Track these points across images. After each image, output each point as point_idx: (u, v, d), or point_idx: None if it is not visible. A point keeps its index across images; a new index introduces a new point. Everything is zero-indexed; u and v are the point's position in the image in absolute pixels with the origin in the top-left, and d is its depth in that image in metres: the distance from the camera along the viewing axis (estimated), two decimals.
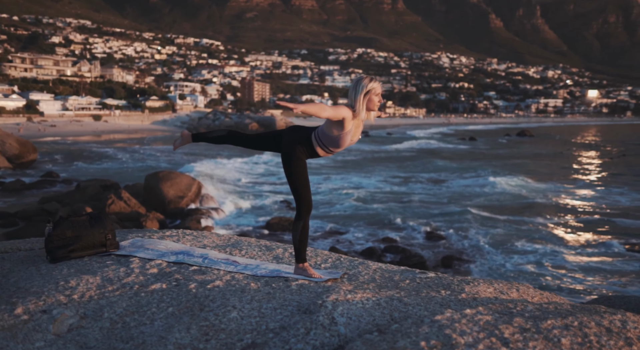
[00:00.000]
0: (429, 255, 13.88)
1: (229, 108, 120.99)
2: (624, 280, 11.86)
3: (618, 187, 25.20)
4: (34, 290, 2.49)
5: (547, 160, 40.18)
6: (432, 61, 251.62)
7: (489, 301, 2.39)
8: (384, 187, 24.60)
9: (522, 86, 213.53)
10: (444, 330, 1.88)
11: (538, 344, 1.84)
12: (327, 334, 2.10)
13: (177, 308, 2.33)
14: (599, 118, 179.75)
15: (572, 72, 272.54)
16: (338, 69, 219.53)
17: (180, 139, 3.17)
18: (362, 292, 2.46)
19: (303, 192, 2.88)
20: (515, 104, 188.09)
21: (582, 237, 15.52)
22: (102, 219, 3.09)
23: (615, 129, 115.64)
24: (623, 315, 1.90)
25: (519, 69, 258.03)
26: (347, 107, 2.76)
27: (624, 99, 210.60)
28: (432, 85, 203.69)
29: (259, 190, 23.25)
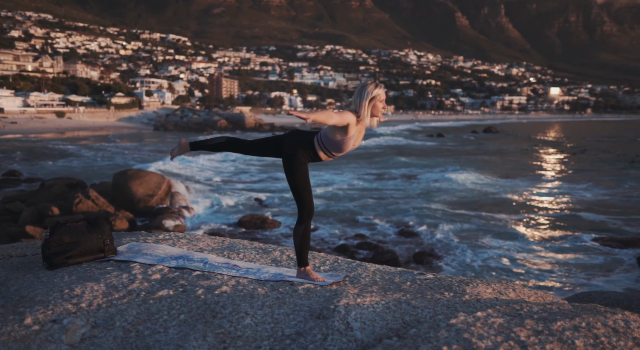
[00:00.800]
0: (401, 251, 14.03)
1: (197, 105, 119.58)
2: (592, 274, 12.23)
3: (582, 182, 25.92)
4: (39, 299, 2.44)
5: (513, 156, 41.07)
6: (399, 58, 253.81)
7: (493, 302, 2.44)
8: (356, 184, 24.74)
9: (488, 83, 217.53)
10: (463, 335, 1.92)
11: (554, 346, 1.87)
12: (344, 340, 2.10)
13: (188, 315, 2.31)
14: (561, 115, 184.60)
15: (535, 70, 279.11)
16: (307, 66, 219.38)
17: (177, 147, 3.13)
18: (370, 296, 2.47)
19: (305, 196, 2.87)
20: (481, 101, 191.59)
21: (549, 232, 15.92)
22: (100, 224, 3.05)
23: (576, 125, 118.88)
24: (623, 315, 1.98)
25: (485, 66, 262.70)
26: (351, 113, 2.77)
27: (585, 97, 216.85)
28: (400, 82, 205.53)
29: (230, 188, 23.09)
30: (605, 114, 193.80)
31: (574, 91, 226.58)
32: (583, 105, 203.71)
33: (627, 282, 11.87)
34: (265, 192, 21.56)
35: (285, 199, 20.34)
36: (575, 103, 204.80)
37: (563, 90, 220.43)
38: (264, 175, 27.21)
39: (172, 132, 70.59)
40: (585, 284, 11.58)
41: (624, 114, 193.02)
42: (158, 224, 15.09)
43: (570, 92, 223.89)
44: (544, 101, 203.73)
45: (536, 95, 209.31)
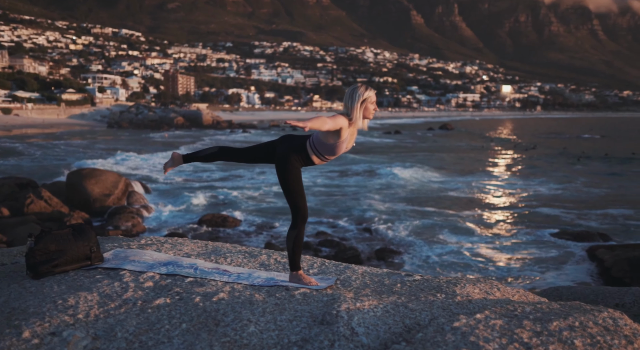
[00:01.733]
0: (363, 248, 14.15)
1: (152, 101, 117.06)
2: (546, 267, 12.65)
3: (536, 178, 26.78)
4: (33, 310, 2.37)
5: (468, 153, 42.05)
6: (357, 56, 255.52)
7: (484, 303, 2.50)
8: (319, 182, 24.81)
9: (443, 81, 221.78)
10: (469, 338, 1.97)
11: (557, 347, 1.94)
12: (351, 345, 2.11)
13: (190, 324, 2.29)
14: (513, 112, 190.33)
15: (487, 68, 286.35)
16: (264, 63, 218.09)
17: (171, 160, 3.11)
18: (367, 300, 2.49)
19: (299, 201, 2.89)
20: (437, 98, 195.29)
21: (505, 227, 16.37)
22: (86, 231, 2.99)
23: (527, 122, 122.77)
24: (608, 313, 2.08)
25: (439, 64, 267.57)
26: (343, 116, 2.78)
27: (534, 94, 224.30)
28: (358, 79, 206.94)
29: (190, 187, 22.73)
30: (553, 111, 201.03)
31: (524, 89, 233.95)
32: (533, 102, 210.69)
33: (579, 274, 12.34)
34: (226, 191, 21.34)
35: (246, 197, 20.20)
36: (526, 101, 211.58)
37: (514, 88, 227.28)
38: (224, 174, 26.93)
39: (127, 130, 68.83)
40: (541, 277, 11.99)
41: (571, 112, 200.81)
42: (116, 224, 14.71)
43: (521, 90, 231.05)
44: (496, 99, 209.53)
45: (489, 93, 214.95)
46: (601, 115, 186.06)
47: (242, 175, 26.40)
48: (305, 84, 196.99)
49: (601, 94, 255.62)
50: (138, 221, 15.36)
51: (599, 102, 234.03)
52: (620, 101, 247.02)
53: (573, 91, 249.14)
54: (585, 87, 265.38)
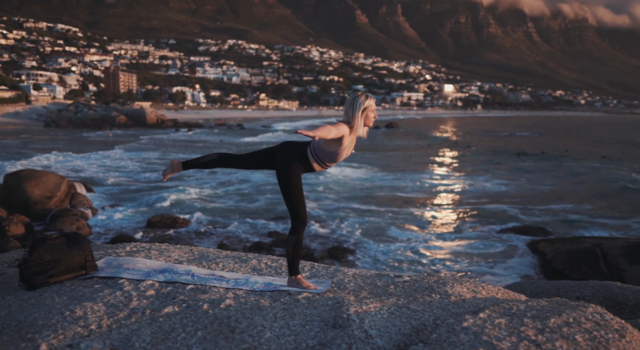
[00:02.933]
0: (315, 246, 14.23)
1: (92, 100, 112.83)
2: (493, 262, 13.10)
3: (481, 175, 27.68)
4: (42, 323, 2.32)
5: (415, 151, 42.94)
6: (302, 54, 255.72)
7: (477, 302, 2.60)
8: (272, 180, 24.65)
9: (387, 80, 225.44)
10: (481, 337, 2.05)
11: (562, 343, 2.03)
12: (368, 348, 2.16)
13: (205, 331, 2.29)
14: (455, 111, 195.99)
15: (430, 68, 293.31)
16: (209, 60, 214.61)
17: (170, 167, 3.11)
18: (371, 302, 2.55)
19: (299, 207, 2.91)
20: (382, 97, 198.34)
21: (452, 223, 16.82)
22: (80, 240, 2.93)
23: (468, 120, 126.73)
24: (592, 308, 2.20)
25: (384, 63, 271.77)
26: (345, 124, 2.83)
27: (475, 94, 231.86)
28: (304, 78, 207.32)
29: (136, 188, 22.08)
30: (493, 109, 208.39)
31: (466, 88, 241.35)
32: (474, 101, 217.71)
33: (523, 267, 12.87)
34: (173, 191, 20.87)
35: (195, 197, 19.85)
36: (467, 100, 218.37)
37: (456, 88, 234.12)
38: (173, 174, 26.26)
39: (66, 129, 66.07)
40: (489, 271, 12.42)
41: (509, 110, 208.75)
42: (59, 227, 14.09)
43: (462, 89, 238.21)
44: (439, 98, 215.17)
45: (432, 92, 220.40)
46: (537, 114, 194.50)
47: (192, 175, 25.88)
48: (251, 82, 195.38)
49: (536, 93, 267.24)
50: (83, 224, 14.79)
51: (535, 102, 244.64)
52: (554, 101, 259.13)
53: (511, 91, 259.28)
54: (522, 87, 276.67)
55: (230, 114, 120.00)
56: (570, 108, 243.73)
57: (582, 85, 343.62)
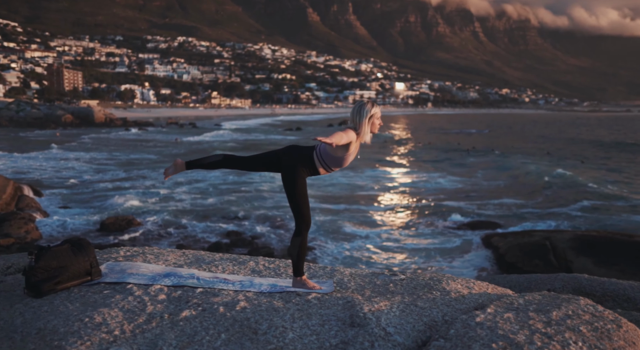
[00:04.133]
0: (276, 245, 14.17)
1: (35, 98, 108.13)
2: (451, 256, 13.39)
3: (436, 171, 28.24)
4: (64, 330, 2.32)
5: (370, 148, 43.35)
6: (254, 52, 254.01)
7: (475, 298, 2.72)
8: (229, 179, 24.35)
9: (340, 78, 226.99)
10: (497, 331, 2.15)
11: (571, 334, 2.15)
12: (389, 345, 2.23)
13: (228, 334, 2.32)
14: (406, 108, 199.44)
15: (382, 66, 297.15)
16: (158, 58, 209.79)
17: (172, 167, 3.11)
18: (380, 301, 2.62)
19: (304, 210, 2.96)
20: (335, 95, 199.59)
21: (410, 220, 17.10)
22: (85, 246, 2.93)
23: (420, 118, 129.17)
24: (584, 300, 2.30)
25: (336, 62, 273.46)
26: (352, 130, 2.93)
27: (425, 92, 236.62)
28: (256, 76, 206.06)
29: (89, 189, 21.33)
30: (443, 107, 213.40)
31: (416, 86, 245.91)
32: (424, 99, 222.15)
33: (478, 260, 13.23)
34: (126, 192, 20.29)
35: (150, 198, 19.36)
36: (418, 98, 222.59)
37: (407, 86, 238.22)
38: (123, 174, 25.57)
39: (7, 128, 63.09)
40: (448, 265, 12.69)
41: (458, 108, 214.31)
42: (6, 231, 13.44)
43: (413, 87, 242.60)
44: (391, 96, 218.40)
45: (384, 90, 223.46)
46: (484, 111, 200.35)
47: (146, 175, 25.26)
48: (202, 80, 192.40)
49: (484, 91, 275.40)
50: (32, 227, 14.18)
51: (482, 99, 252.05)
52: (500, 98, 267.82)
53: (459, 89, 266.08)
54: (470, 85, 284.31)
55: (181, 113, 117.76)
56: (516, 106, 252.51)
57: (526, 83, 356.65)
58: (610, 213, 17.78)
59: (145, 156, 33.87)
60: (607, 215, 17.54)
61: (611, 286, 4.41)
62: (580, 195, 20.69)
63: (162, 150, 38.38)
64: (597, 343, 2.13)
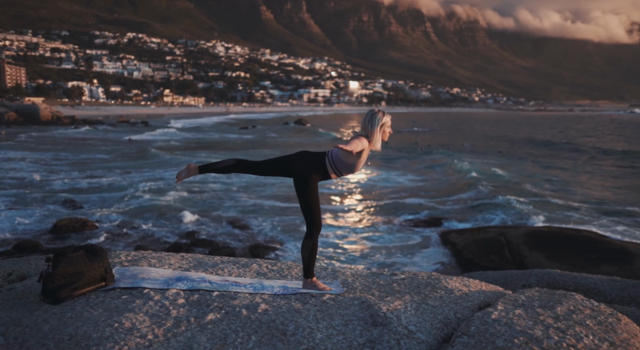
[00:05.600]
0: (236, 245, 14.05)
1: None
2: (411, 253, 13.62)
3: (395, 170, 28.61)
4: (96, 335, 2.34)
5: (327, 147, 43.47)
6: (207, 49, 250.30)
7: (476, 295, 2.86)
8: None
9: (294, 77, 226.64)
10: (515, 327, 2.26)
11: (580, 329, 2.28)
12: (414, 342, 2.32)
13: (258, 336, 2.37)
14: (361, 107, 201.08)
15: (336, 65, 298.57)
16: (107, 54, 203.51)
17: (185, 170, 3.17)
18: (394, 300, 2.72)
19: (316, 214, 3.07)
20: (289, 93, 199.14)
21: (369, 218, 17.25)
22: (99, 252, 2.97)
23: None
24: (578, 296, 2.39)
25: (290, 60, 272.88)
26: (364, 138, 3.04)
27: (379, 90, 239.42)
28: (210, 73, 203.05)
29: (37, 190, 20.45)
30: (396, 106, 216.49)
31: (370, 85, 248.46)
32: (378, 98, 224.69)
33: (437, 256, 13.53)
34: (78, 193, 19.62)
35: (105, 199, 18.80)
36: (372, 96, 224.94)
37: (361, 85, 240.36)
38: (81, 174, 24.71)
39: None
40: (409, 261, 12.90)
41: (411, 107, 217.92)
42: None
43: (367, 86, 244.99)
44: (345, 94, 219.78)
45: (338, 89, 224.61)
46: (437, 110, 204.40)
47: (101, 175, 24.48)
48: (154, 77, 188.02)
49: (435, 90, 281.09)
50: None
51: (434, 98, 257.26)
52: (451, 97, 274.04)
53: (412, 88, 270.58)
54: (422, 84, 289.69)
55: (132, 111, 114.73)
56: (466, 104, 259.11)
57: (475, 83, 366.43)
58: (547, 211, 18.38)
59: (98, 156, 32.84)
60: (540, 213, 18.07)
61: (582, 280, 4.61)
62: (513, 192, 21.42)
63: (115, 149, 37.28)
64: (605, 336, 2.27)
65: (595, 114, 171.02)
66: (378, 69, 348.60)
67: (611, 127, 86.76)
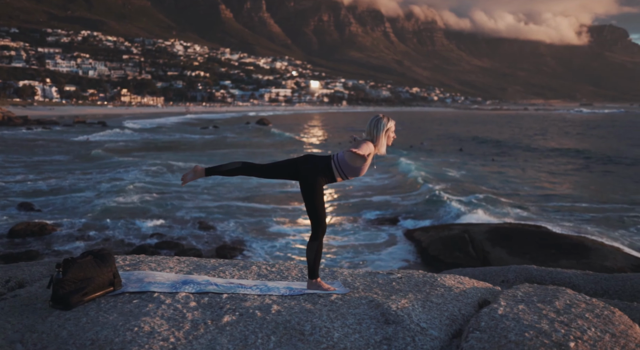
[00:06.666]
0: (202, 246, 13.90)
1: None
2: (378, 250, 13.77)
3: None
4: (118, 340, 2.35)
5: (289, 146, 43.50)
6: (165, 48, 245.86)
7: (474, 292, 2.95)
8: (143, 178, 23.44)
9: (255, 76, 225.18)
10: (522, 322, 2.35)
11: (582, 322, 2.39)
12: (427, 338, 2.38)
13: (277, 336, 2.40)
14: (322, 106, 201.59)
15: (296, 64, 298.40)
16: (60, 52, 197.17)
17: (192, 173, 3.20)
18: (399, 299, 2.78)
19: (321, 216, 3.13)
20: (250, 93, 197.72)
21: (336, 217, 17.33)
22: (106, 257, 2.99)
23: (335, 116, 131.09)
24: (570, 290, 2.48)
25: (251, 59, 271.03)
26: (370, 142, 3.12)
27: (340, 90, 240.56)
28: (169, 73, 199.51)
29: None
30: (357, 105, 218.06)
31: (331, 85, 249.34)
32: (339, 97, 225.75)
33: (402, 253, 13.74)
34: (35, 196, 18.98)
35: (62, 201, 18.24)
36: (333, 96, 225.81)
37: (322, 84, 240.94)
38: (30, 176, 23.86)
39: None
40: (377, 258, 13.04)
41: (372, 106, 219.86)
42: None
43: (328, 85, 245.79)
44: (306, 94, 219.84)
45: (299, 88, 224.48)
46: (397, 109, 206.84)
47: (59, 177, 23.72)
48: (110, 76, 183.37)
49: (395, 90, 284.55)
50: None
51: (394, 98, 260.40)
52: (411, 97, 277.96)
53: (372, 87, 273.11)
54: (382, 84, 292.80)
55: (89, 111, 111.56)
56: (425, 104, 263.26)
57: (434, 82, 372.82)
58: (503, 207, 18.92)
59: (54, 158, 31.81)
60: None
61: (557, 275, 4.78)
62: (477, 189, 21.98)
63: (72, 150, 36.18)
64: (605, 328, 2.40)
65: (548, 113, 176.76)
66: (339, 68, 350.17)
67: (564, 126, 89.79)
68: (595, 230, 15.40)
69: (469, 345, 2.24)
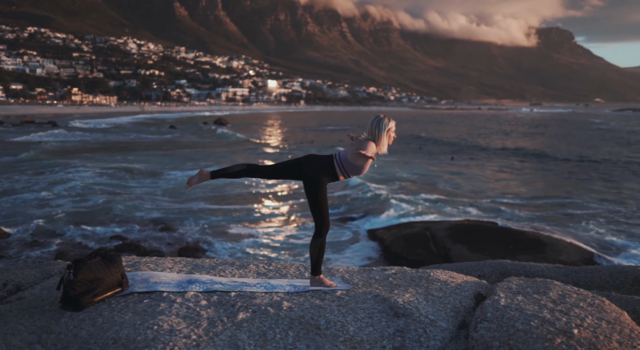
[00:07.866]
0: (165, 248, 13.65)
1: None
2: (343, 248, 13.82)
3: None
4: (140, 338, 2.37)
5: (248, 146, 43.22)
6: (118, 46, 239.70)
7: (470, 286, 3.05)
8: (100, 181, 22.77)
9: (211, 75, 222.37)
10: (526, 311, 2.46)
11: (579, 310, 2.51)
12: (438, 330, 2.47)
13: (295, 331, 2.46)
14: (280, 106, 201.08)
15: (254, 64, 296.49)
16: (5, 49, 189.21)
17: (197, 176, 3.23)
18: (402, 293, 2.86)
19: (325, 214, 3.22)
20: (207, 92, 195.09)
21: (298, 217, 17.29)
22: (114, 257, 3.04)
23: (293, 116, 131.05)
24: (559, 282, 2.52)
25: (207, 58, 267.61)
26: (372, 142, 3.22)
27: (298, 89, 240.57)
28: (122, 71, 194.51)
29: None
30: (315, 105, 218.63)
31: (288, 84, 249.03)
32: (297, 97, 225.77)
33: (366, 251, 13.90)
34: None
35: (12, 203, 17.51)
36: (291, 95, 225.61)
37: (279, 83, 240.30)
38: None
39: None
40: (341, 256, 13.09)
41: (330, 105, 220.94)
42: None
43: (285, 85, 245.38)
44: (264, 93, 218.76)
45: (256, 88, 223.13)
46: (354, 108, 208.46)
47: (19, 179, 22.73)
48: (60, 75, 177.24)
49: (352, 89, 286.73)
50: None
51: (352, 97, 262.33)
52: (368, 96, 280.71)
53: (330, 87, 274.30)
54: (340, 84, 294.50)
55: (37, 110, 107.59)
56: (382, 103, 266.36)
57: (390, 82, 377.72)
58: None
59: (3, 159, 30.46)
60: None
61: (531, 269, 4.91)
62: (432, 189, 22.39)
63: (21, 150, 34.75)
64: (600, 315, 2.55)
65: (500, 113, 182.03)
66: (296, 68, 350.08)
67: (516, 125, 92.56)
68: (546, 225, 15.93)
69: (479, 335, 2.33)
